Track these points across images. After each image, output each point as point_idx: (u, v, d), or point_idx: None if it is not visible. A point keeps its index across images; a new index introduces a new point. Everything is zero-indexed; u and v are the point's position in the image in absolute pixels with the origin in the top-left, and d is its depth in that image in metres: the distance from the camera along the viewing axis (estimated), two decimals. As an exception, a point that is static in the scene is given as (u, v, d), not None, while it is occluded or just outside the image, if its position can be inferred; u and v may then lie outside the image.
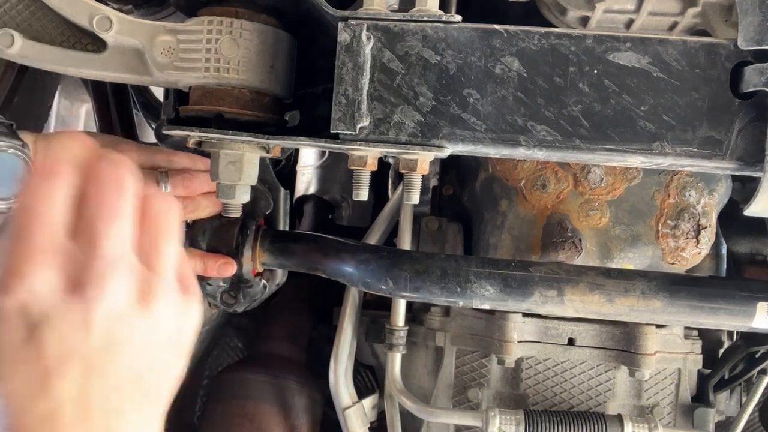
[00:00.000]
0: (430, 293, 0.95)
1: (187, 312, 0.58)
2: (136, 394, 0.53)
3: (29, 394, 0.48)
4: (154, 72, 0.85)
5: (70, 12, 0.84)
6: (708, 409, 1.18)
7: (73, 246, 0.51)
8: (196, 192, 1.00)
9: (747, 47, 0.75)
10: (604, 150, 0.78)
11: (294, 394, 1.30)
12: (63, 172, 0.52)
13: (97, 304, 0.50)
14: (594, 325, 1.14)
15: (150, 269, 0.54)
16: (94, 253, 0.51)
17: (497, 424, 1.05)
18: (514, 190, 1.13)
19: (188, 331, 0.58)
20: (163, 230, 0.56)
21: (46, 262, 0.50)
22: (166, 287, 0.55)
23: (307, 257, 1.04)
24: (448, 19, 0.79)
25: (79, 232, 0.51)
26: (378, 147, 0.80)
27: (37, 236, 0.50)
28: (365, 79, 0.79)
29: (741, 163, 0.77)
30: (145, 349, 0.54)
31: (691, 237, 1.11)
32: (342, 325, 1.23)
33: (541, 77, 0.78)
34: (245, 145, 0.91)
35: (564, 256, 1.09)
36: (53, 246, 0.50)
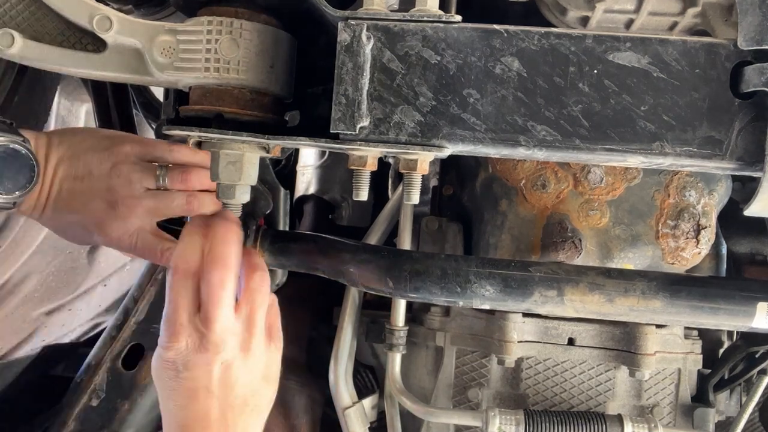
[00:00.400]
0: (430, 293, 0.95)
1: (274, 354, 0.88)
2: (244, 410, 0.84)
3: (180, 411, 0.81)
4: (154, 72, 0.85)
5: (70, 12, 0.84)
6: (708, 409, 1.18)
7: (197, 316, 0.81)
8: (194, 187, 1.00)
9: (747, 47, 0.75)
10: (604, 150, 0.78)
11: (294, 394, 1.30)
12: (190, 274, 0.81)
13: (214, 360, 0.81)
14: (594, 325, 1.14)
15: (248, 331, 0.83)
16: (208, 322, 0.80)
17: (497, 424, 1.05)
18: (514, 190, 1.13)
19: (275, 366, 0.89)
20: (258, 302, 0.85)
21: (184, 334, 0.80)
22: (259, 342, 0.85)
23: (307, 257, 1.04)
24: (448, 19, 0.79)
25: (200, 307, 0.81)
26: (378, 147, 0.80)
27: (175, 316, 0.81)
28: (365, 79, 0.79)
29: (741, 163, 0.77)
30: (247, 382, 0.84)
31: (691, 237, 1.11)
32: (342, 325, 1.23)
33: (541, 77, 0.78)
34: (245, 145, 0.91)
35: (564, 256, 1.09)
36: (186, 320, 0.80)
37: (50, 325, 1.87)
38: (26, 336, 1.82)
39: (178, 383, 0.81)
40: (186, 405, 0.81)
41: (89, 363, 1.26)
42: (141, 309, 1.27)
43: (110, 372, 1.23)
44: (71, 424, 1.21)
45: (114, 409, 1.21)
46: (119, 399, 1.21)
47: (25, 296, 1.87)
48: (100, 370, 1.23)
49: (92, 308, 2.00)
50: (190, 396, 0.81)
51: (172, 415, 0.82)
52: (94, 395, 1.22)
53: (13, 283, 1.89)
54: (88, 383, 1.23)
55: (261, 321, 0.85)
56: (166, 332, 0.81)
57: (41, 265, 1.79)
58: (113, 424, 1.20)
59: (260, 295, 0.85)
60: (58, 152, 0.93)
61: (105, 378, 1.23)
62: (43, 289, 1.89)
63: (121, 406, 1.21)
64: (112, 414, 1.21)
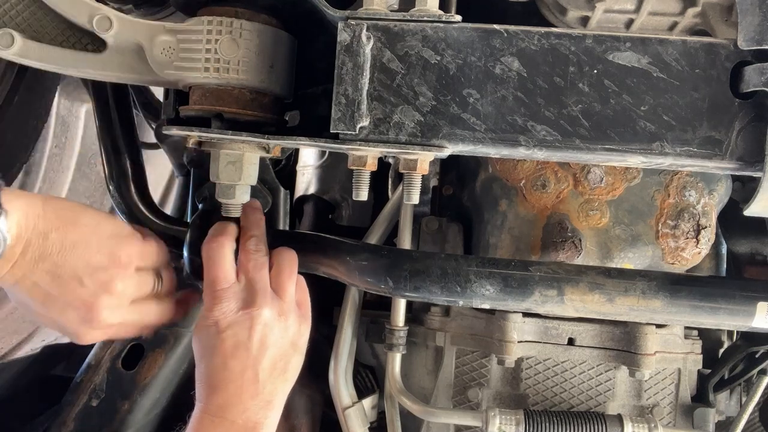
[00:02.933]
0: (430, 293, 0.95)
1: (303, 325, 0.96)
2: (273, 373, 0.91)
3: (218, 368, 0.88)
4: (154, 72, 0.85)
5: (70, 12, 0.84)
6: (708, 409, 1.18)
7: (241, 284, 0.91)
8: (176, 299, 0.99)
9: (747, 47, 0.75)
10: (604, 150, 0.78)
11: (294, 394, 1.29)
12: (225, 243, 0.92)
13: (255, 318, 0.89)
14: (594, 325, 1.14)
15: (281, 298, 0.93)
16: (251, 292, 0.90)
17: (497, 424, 1.05)
18: (514, 190, 1.13)
19: (304, 338, 0.96)
20: (286, 275, 0.94)
21: (227, 295, 0.90)
22: (291, 310, 0.93)
23: (307, 257, 1.04)
24: (448, 19, 0.79)
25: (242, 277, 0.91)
26: (378, 147, 0.80)
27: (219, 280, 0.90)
28: (365, 79, 0.79)
29: (741, 163, 0.77)
30: (279, 345, 0.91)
31: (691, 237, 1.11)
32: (342, 325, 1.23)
33: (541, 77, 0.78)
34: (245, 145, 0.91)
35: (564, 256, 1.09)
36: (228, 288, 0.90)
37: (50, 325, 1.86)
38: (26, 336, 1.82)
39: (220, 341, 0.88)
40: (225, 362, 0.88)
41: (89, 363, 1.26)
42: (141, 309, 1.27)
43: (110, 372, 1.23)
44: (71, 424, 1.21)
45: (114, 409, 1.21)
46: (119, 399, 1.21)
47: (25, 296, 1.86)
48: (100, 370, 1.24)
49: (92, 308, 2.00)
50: (231, 353, 0.88)
51: (209, 373, 0.88)
52: (94, 395, 1.22)
53: (13, 283, 1.89)
54: (88, 383, 1.23)
55: (291, 291, 0.94)
56: (210, 295, 0.90)
57: (41, 265, 1.78)
58: (113, 424, 1.20)
59: (288, 269, 0.94)
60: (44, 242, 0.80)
61: (105, 378, 1.23)
62: (43, 289, 1.89)
63: (121, 406, 1.21)
64: (112, 414, 1.21)
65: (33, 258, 0.80)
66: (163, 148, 1.62)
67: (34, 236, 0.80)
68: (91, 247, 0.84)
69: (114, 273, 0.85)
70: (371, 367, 1.31)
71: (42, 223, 0.80)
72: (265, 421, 0.89)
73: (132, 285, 0.88)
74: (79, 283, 0.83)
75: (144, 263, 0.91)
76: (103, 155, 1.48)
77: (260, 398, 0.89)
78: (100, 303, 0.84)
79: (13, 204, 0.77)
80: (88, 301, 0.84)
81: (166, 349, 1.24)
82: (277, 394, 0.92)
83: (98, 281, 0.84)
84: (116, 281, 0.85)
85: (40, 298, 0.82)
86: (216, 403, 0.87)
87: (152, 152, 1.86)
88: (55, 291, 0.82)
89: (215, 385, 0.88)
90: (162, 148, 1.63)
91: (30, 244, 0.79)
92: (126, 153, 1.49)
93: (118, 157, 1.47)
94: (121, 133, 1.48)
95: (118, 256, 0.86)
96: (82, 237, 0.83)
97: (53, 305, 0.83)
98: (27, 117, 1.37)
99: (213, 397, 0.87)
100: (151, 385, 1.22)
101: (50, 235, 0.81)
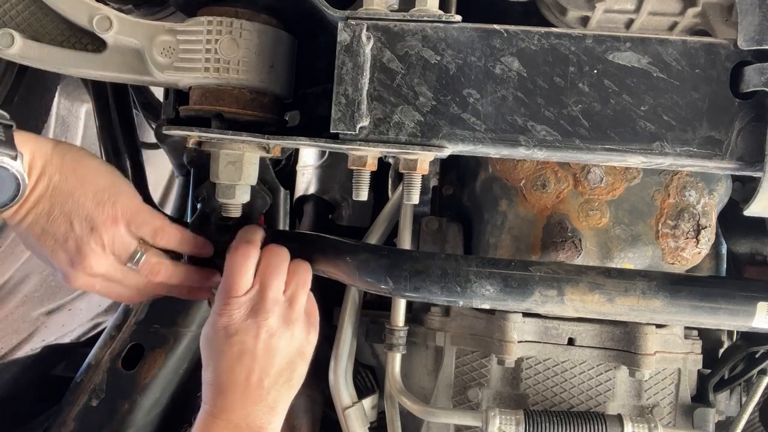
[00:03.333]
0: (430, 293, 0.95)
1: (310, 334, 0.97)
2: (278, 381, 0.93)
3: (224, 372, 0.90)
4: (154, 72, 0.85)
5: (70, 12, 0.84)
6: (708, 409, 1.18)
7: (253, 291, 0.92)
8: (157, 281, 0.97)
9: (747, 47, 0.75)
10: (604, 150, 0.78)
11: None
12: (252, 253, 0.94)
13: (263, 325, 0.91)
14: (594, 325, 1.14)
15: (291, 307, 0.94)
16: (263, 300, 0.92)
17: (497, 424, 1.05)
18: (514, 190, 1.13)
19: (311, 346, 0.98)
20: (301, 284, 0.96)
21: (238, 303, 0.91)
22: (299, 319, 0.95)
23: (306, 257, 1.03)
24: (448, 19, 0.79)
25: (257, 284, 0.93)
26: (378, 147, 0.80)
27: (236, 288, 0.92)
28: (365, 79, 0.79)
29: (741, 163, 0.77)
30: (285, 352, 0.93)
31: (691, 237, 1.11)
32: (342, 325, 1.23)
33: (541, 77, 0.78)
34: (245, 145, 0.91)
35: (564, 256, 1.09)
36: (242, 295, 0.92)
37: (50, 325, 1.87)
38: (26, 336, 1.82)
39: (228, 346, 0.90)
40: (231, 367, 0.90)
41: (89, 363, 1.26)
42: (141, 309, 1.27)
43: (110, 372, 1.23)
44: (71, 424, 1.21)
45: (114, 409, 1.21)
46: (119, 399, 1.21)
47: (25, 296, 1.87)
48: (100, 370, 1.24)
49: (92, 308, 2.00)
50: (237, 358, 0.90)
51: (215, 377, 0.91)
52: (94, 395, 1.22)
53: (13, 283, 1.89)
54: (88, 383, 1.23)
55: (302, 301, 0.96)
56: (223, 300, 0.92)
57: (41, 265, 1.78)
58: (113, 424, 1.20)
59: (303, 280, 0.97)
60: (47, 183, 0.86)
61: (105, 378, 1.23)
62: (43, 289, 1.89)
63: (121, 406, 1.21)
64: (112, 414, 1.21)
65: (36, 198, 0.85)
66: (163, 148, 1.63)
67: (40, 178, 0.85)
68: (87, 194, 0.88)
69: (101, 222, 0.88)
70: (371, 367, 1.31)
71: (48, 167, 0.86)
72: (268, 426, 0.92)
73: (118, 241, 0.90)
74: (70, 225, 0.87)
75: (130, 225, 0.91)
76: (103, 155, 1.48)
77: (264, 404, 0.91)
78: (87, 248, 0.88)
79: (25, 147, 0.83)
80: (77, 243, 0.88)
81: (166, 349, 1.24)
82: (281, 401, 0.94)
83: (87, 227, 0.88)
84: (103, 231, 0.88)
85: (36, 235, 0.88)
86: (221, 406, 0.90)
87: (152, 152, 1.86)
88: (49, 229, 0.87)
89: (221, 389, 0.90)
90: (162, 148, 1.63)
91: (36, 185, 0.85)
92: (126, 153, 1.49)
93: (118, 157, 1.47)
94: (121, 133, 1.48)
95: (108, 209, 0.89)
96: (80, 183, 0.88)
97: (46, 243, 0.88)
98: (27, 117, 1.37)
99: (218, 400, 0.90)
100: (151, 385, 1.22)
101: (53, 178, 0.86)
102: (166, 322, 1.25)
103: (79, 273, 0.90)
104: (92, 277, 0.91)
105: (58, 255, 0.89)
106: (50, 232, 0.87)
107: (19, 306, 1.85)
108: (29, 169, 0.84)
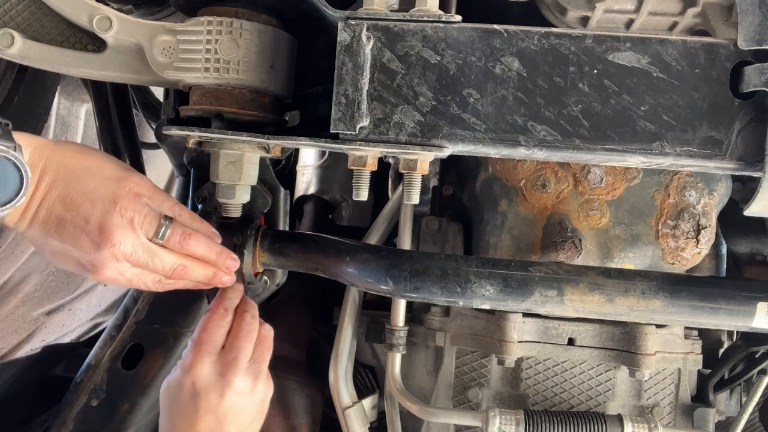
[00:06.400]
0: (430, 293, 0.95)
1: (269, 387, 1.00)
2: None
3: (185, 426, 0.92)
4: (154, 72, 0.85)
5: (70, 12, 0.84)
6: (708, 409, 1.18)
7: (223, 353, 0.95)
8: (188, 251, 0.91)
9: (747, 47, 0.75)
10: (604, 150, 0.78)
11: (294, 394, 1.30)
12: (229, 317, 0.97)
13: (229, 386, 0.92)
14: (594, 325, 1.14)
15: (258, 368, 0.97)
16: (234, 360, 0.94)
17: (497, 424, 1.05)
18: (514, 190, 1.13)
19: (269, 397, 1.00)
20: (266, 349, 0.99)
21: (209, 359, 0.93)
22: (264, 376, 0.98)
23: (307, 257, 1.04)
24: (448, 19, 0.79)
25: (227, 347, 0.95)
26: (378, 147, 0.80)
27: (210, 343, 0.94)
28: (365, 79, 0.79)
29: (741, 163, 0.77)
30: (248, 412, 0.96)
31: (691, 237, 1.11)
32: (342, 325, 1.23)
33: (541, 77, 0.78)
34: (245, 145, 0.91)
35: (564, 256, 1.09)
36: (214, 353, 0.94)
37: (50, 325, 1.87)
38: (26, 336, 1.82)
39: (192, 403, 0.92)
40: (193, 424, 0.91)
41: (89, 363, 1.26)
42: (141, 309, 1.27)
43: (110, 372, 1.23)
44: (71, 424, 1.21)
45: (114, 409, 1.21)
46: (119, 399, 1.21)
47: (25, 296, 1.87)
48: (100, 370, 1.23)
49: (92, 308, 2.00)
50: (200, 416, 0.91)
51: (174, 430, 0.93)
52: (94, 395, 1.22)
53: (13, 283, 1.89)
54: (88, 383, 1.23)
55: (267, 359, 0.99)
56: (194, 353, 0.93)
57: (41, 265, 1.78)
58: (113, 424, 1.20)
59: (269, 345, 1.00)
60: (58, 166, 0.83)
61: (105, 378, 1.22)
62: (43, 289, 1.89)
63: (121, 406, 1.21)
64: (112, 414, 1.20)
65: (46, 186, 0.82)
66: (163, 148, 1.62)
67: (48, 164, 0.82)
68: (103, 174, 0.85)
69: (123, 195, 0.84)
70: (371, 367, 1.31)
71: (53, 156, 0.83)
72: None
73: (143, 212, 0.85)
74: (90, 203, 0.82)
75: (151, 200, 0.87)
76: (103, 155, 1.48)
77: None
78: (111, 223, 0.83)
79: (25, 140, 0.80)
80: (100, 222, 0.82)
81: (166, 349, 1.24)
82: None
83: (108, 201, 0.83)
84: (126, 204, 0.84)
85: (54, 226, 0.83)
86: None
87: (152, 152, 1.86)
88: (67, 215, 0.82)
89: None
90: (162, 148, 1.63)
91: (45, 171, 0.82)
92: (126, 153, 1.49)
93: (118, 157, 1.47)
94: (121, 133, 1.48)
95: (128, 184, 0.85)
96: (94, 163, 0.85)
97: (66, 232, 0.83)
98: (27, 117, 1.37)
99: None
100: (151, 385, 1.21)
101: (63, 161, 0.83)
102: (166, 322, 1.25)
103: (105, 256, 0.83)
104: (118, 262, 0.84)
105: (81, 241, 0.83)
106: (68, 218, 0.82)
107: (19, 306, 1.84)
108: (31, 162, 0.80)
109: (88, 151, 0.87)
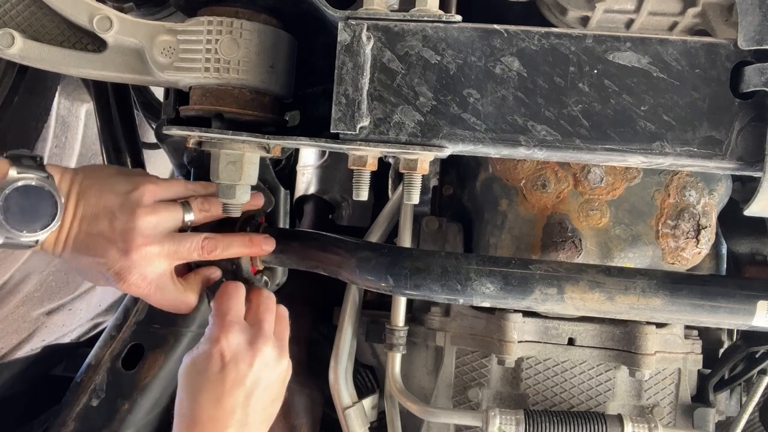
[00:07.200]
0: (431, 291, 0.95)
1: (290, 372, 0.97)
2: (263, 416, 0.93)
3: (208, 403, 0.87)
4: (154, 72, 0.85)
5: (70, 12, 0.84)
6: (708, 409, 1.18)
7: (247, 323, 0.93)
8: (214, 215, 0.99)
9: (747, 47, 0.75)
10: (604, 150, 0.78)
11: (294, 394, 1.30)
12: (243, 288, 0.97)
13: (259, 354, 0.91)
14: (594, 324, 1.14)
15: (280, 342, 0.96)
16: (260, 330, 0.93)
17: (497, 424, 1.05)
18: (514, 190, 1.13)
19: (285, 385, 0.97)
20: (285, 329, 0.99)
21: (236, 330, 0.91)
22: (286, 352, 0.96)
23: (307, 255, 1.04)
24: (448, 19, 0.79)
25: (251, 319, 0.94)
26: (378, 147, 0.80)
27: (233, 312, 0.93)
28: (365, 79, 0.79)
29: (741, 163, 0.77)
30: (273, 386, 0.93)
31: (691, 237, 1.11)
32: (342, 325, 1.23)
33: (541, 77, 0.78)
34: (245, 145, 0.91)
35: (564, 256, 1.09)
36: (239, 322, 0.92)
37: (50, 325, 1.87)
38: (26, 336, 1.81)
39: (220, 376, 0.88)
40: (219, 398, 0.87)
41: (89, 363, 1.26)
42: (141, 309, 1.27)
43: (110, 372, 1.23)
44: (71, 424, 1.21)
45: (114, 409, 1.21)
46: (119, 399, 1.21)
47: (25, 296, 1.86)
48: (100, 370, 1.23)
49: (92, 308, 2.00)
50: (227, 390, 0.88)
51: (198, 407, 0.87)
52: (94, 395, 1.22)
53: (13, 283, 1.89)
54: (88, 383, 1.23)
55: (287, 337, 0.98)
56: (219, 326, 0.91)
57: (41, 265, 1.78)
58: (113, 424, 1.20)
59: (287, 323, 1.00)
60: (80, 188, 0.90)
61: (105, 378, 1.23)
62: (43, 289, 1.89)
63: (121, 406, 1.21)
64: (112, 414, 1.21)
65: (72, 208, 0.89)
66: (163, 148, 1.62)
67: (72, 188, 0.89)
68: (119, 182, 0.92)
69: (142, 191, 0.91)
70: (371, 367, 1.31)
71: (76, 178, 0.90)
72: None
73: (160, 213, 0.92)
74: (112, 215, 0.89)
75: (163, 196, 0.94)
76: (104, 155, 1.48)
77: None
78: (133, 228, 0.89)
79: (51, 169, 0.88)
80: (123, 229, 0.89)
81: (166, 349, 1.24)
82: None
83: (129, 206, 0.90)
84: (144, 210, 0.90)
85: (83, 244, 0.89)
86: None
87: (152, 152, 1.86)
88: (94, 230, 0.89)
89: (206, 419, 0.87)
90: (162, 148, 1.63)
91: (70, 195, 0.89)
92: (127, 152, 1.49)
93: (119, 157, 1.47)
94: (122, 133, 1.48)
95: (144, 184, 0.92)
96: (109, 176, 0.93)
97: (95, 245, 0.89)
98: (27, 117, 1.37)
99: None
100: (151, 385, 1.22)
101: (83, 183, 0.90)
102: (166, 322, 1.25)
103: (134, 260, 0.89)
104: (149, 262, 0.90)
105: (109, 253, 0.89)
106: (95, 233, 0.89)
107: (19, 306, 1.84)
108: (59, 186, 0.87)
109: (101, 169, 0.95)
